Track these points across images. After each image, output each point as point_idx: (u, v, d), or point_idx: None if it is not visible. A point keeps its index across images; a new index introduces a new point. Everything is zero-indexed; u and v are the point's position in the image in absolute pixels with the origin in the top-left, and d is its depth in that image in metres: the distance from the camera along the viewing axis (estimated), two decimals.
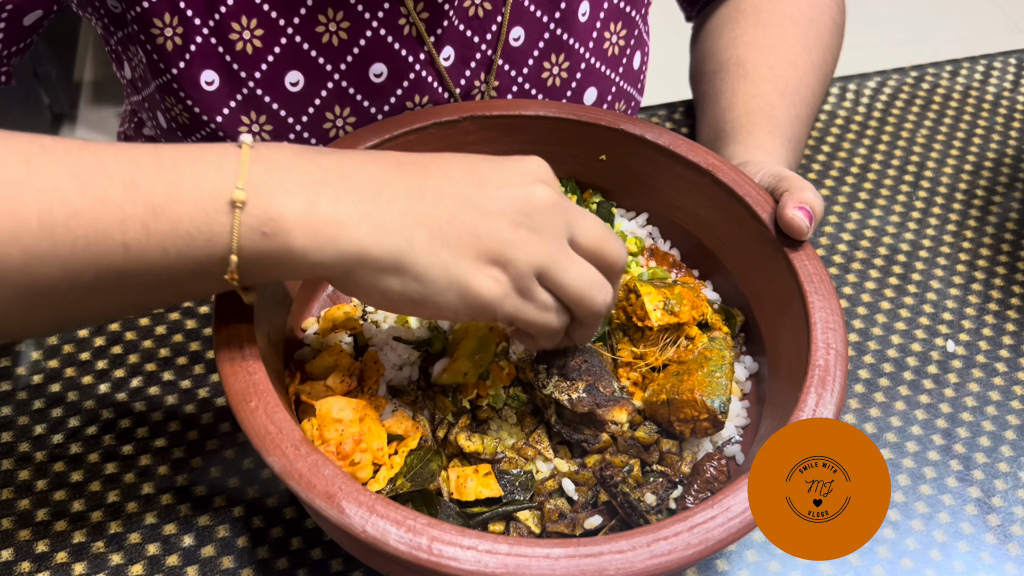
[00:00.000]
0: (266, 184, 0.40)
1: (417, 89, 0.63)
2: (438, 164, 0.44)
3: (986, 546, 0.57)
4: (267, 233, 0.40)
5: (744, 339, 0.58)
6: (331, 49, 0.60)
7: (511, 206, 0.43)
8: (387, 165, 0.43)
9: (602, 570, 0.39)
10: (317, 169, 0.42)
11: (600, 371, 0.51)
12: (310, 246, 0.40)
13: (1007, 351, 0.67)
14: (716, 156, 0.58)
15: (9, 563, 0.53)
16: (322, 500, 0.40)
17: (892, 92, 0.88)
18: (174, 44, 0.58)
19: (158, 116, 0.64)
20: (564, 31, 0.66)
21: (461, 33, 0.63)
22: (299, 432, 0.43)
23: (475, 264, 0.42)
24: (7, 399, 0.61)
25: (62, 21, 1.93)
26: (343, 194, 0.41)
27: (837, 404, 0.46)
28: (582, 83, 0.69)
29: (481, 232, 0.42)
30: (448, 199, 0.42)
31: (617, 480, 0.49)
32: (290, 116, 0.61)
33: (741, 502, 0.42)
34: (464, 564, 0.38)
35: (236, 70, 0.59)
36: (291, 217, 0.40)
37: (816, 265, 0.52)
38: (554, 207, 0.44)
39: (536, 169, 0.45)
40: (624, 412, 0.49)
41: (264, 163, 0.41)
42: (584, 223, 0.45)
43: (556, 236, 0.43)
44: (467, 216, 0.42)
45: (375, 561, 0.45)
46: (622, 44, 0.70)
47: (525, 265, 0.42)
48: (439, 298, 0.42)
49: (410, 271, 0.42)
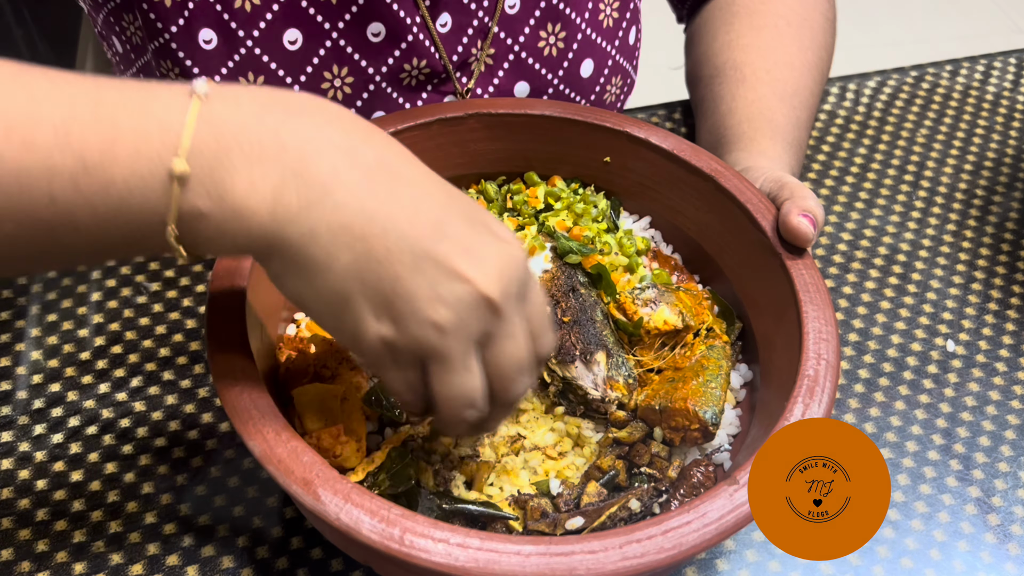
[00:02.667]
0: (211, 156, 0.37)
1: (415, 52, 0.63)
2: (413, 190, 0.39)
3: (986, 546, 0.57)
4: (203, 211, 0.37)
5: (740, 347, 0.58)
6: (329, 7, 0.60)
7: (448, 280, 0.38)
8: (358, 162, 0.39)
9: (572, 569, 0.39)
10: (274, 142, 0.37)
11: (592, 340, 0.52)
12: (234, 229, 0.38)
13: (1007, 351, 0.67)
14: (719, 161, 0.58)
15: (9, 563, 0.53)
16: (299, 486, 0.41)
17: (892, 92, 0.88)
18: (173, 1, 0.58)
19: None
20: (560, 0, 0.67)
21: (458, 0, 0.63)
22: (282, 418, 0.43)
23: (373, 311, 0.39)
24: (7, 399, 0.61)
25: (62, 21, 1.92)
26: (291, 180, 0.37)
27: (825, 415, 0.46)
28: (579, 54, 0.69)
29: (399, 289, 0.38)
30: (394, 238, 0.38)
31: (642, 465, 0.50)
32: (288, 76, 0.61)
33: (718, 508, 0.41)
34: (435, 556, 0.39)
35: (234, 28, 0.59)
36: (227, 198, 0.37)
37: (813, 275, 0.52)
38: (487, 308, 0.39)
39: (508, 262, 0.40)
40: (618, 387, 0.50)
41: (214, 124, 0.37)
42: (505, 346, 0.41)
43: (468, 337, 0.40)
44: (399, 264, 0.38)
45: (352, 550, 0.46)
46: (616, 16, 0.71)
47: (411, 342, 0.39)
48: (321, 317, 0.41)
49: (313, 284, 0.39)
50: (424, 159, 0.61)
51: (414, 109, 0.60)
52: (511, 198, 0.62)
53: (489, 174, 0.64)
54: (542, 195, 0.61)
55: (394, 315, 0.39)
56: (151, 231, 0.38)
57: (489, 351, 0.41)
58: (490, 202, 0.63)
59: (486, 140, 0.61)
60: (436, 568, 0.39)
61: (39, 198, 0.36)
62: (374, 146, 0.39)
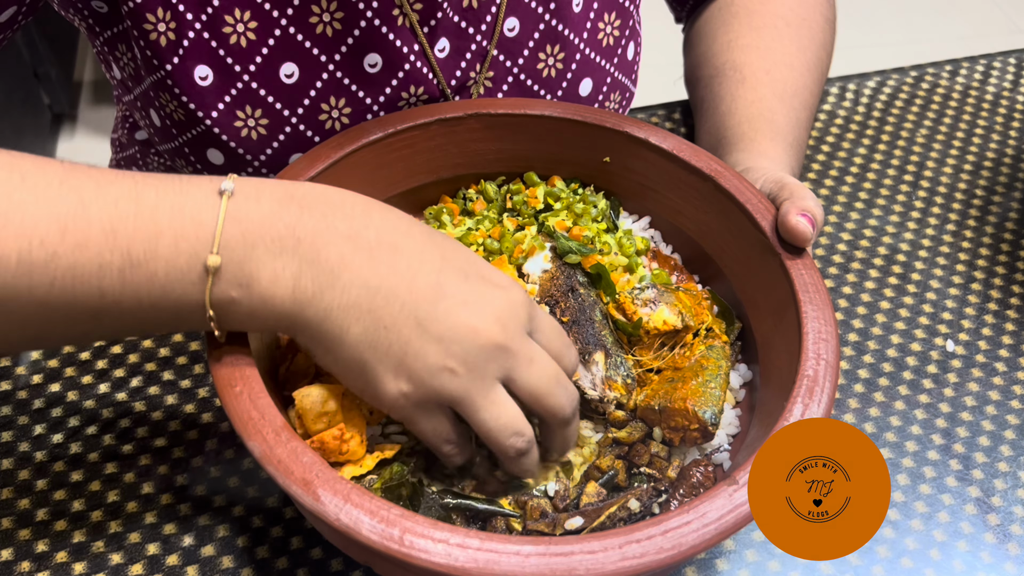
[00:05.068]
0: (240, 250, 0.42)
1: (412, 80, 0.63)
2: (410, 260, 0.44)
3: (985, 546, 0.57)
4: (235, 298, 0.43)
5: (740, 347, 0.58)
6: (325, 40, 0.60)
7: (453, 335, 0.43)
8: (360, 245, 0.44)
9: (572, 570, 0.39)
10: (291, 236, 0.43)
11: (591, 339, 0.52)
12: (263, 313, 0.44)
13: (1007, 351, 0.67)
14: (719, 161, 0.58)
15: (9, 563, 0.53)
16: (298, 487, 0.41)
17: (892, 92, 0.88)
18: (167, 39, 0.58)
19: (151, 114, 0.64)
20: (559, 21, 0.66)
21: (456, 24, 0.63)
22: (281, 419, 0.43)
23: (389, 372, 0.44)
24: (7, 399, 0.61)
25: (62, 21, 1.93)
26: (307, 269, 0.43)
27: (824, 415, 0.46)
28: (577, 74, 0.69)
29: (410, 351, 0.43)
30: (397, 307, 0.43)
31: (641, 465, 0.49)
32: (285, 109, 0.61)
33: (718, 508, 0.41)
34: (434, 556, 0.39)
35: (230, 64, 0.59)
36: (255, 286, 0.43)
37: (813, 275, 0.52)
38: (496, 350, 0.44)
39: (506, 306, 0.45)
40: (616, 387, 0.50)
41: (241, 223, 0.42)
42: (528, 371, 0.45)
43: (484, 377, 0.44)
44: (406, 328, 0.43)
45: (351, 550, 0.46)
46: (616, 35, 0.71)
47: (430, 392, 0.44)
48: (347, 382, 0.46)
49: (334, 354, 0.44)
50: (424, 159, 0.62)
51: (414, 109, 0.60)
52: (511, 198, 0.62)
53: (489, 174, 0.64)
54: (542, 195, 0.61)
55: (409, 373, 0.43)
56: (189, 315, 0.43)
57: (514, 382, 0.45)
58: (490, 202, 0.63)
59: (486, 140, 0.61)
60: (436, 568, 0.39)
61: (91, 292, 0.41)
62: (374, 226, 0.45)
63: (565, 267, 0.57)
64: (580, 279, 0.57)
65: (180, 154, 0.64)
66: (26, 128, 1.71)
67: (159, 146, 0.66)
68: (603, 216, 0.61)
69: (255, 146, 0.62)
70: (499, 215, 0.62)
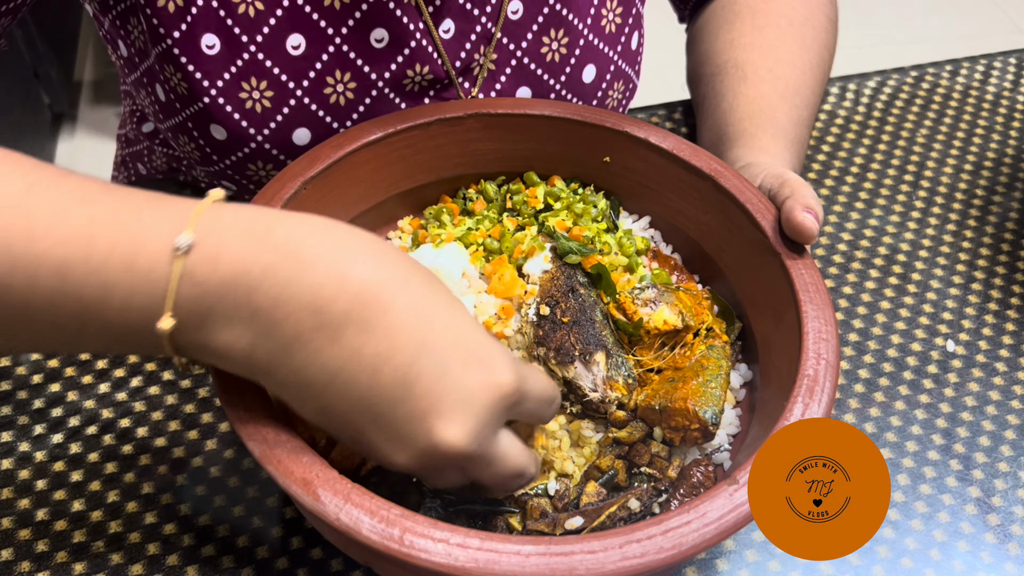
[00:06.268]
0: (193, 317, 0.39)
1: (418, 58, 0.63)
2: (379, 345, 0.39)
3: (986, 546, 0.57)
4: (193, 351, 0.41)
5: (740, 347, 0.58)
6: (333, 12, 0.60)
7: (409, 442, 0.40)
8: (323, 322, 0.39)
9: (572, 569, 0.39)
10: (247, 306, 0.39)
11: (591, 341, 0.52)
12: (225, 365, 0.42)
13: (1007, 351, 0.67)
14: (719, 161, 0.58)
15: (9, 563, 0.53)
16: (299, 487, 0.41)
17: (892, 92, 0.88)
18: (175, 6, 0.58)
19: (156, 90, 0.64)
20: (563, 6, 0.67)
21: (461, 6, 0.64)
22: (281, 419, 0.43)
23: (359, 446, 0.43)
24: (7, 399, 0.61)
25: (62, 21, 1.93)
26: (261, 342, 0.40)
27: (824, 415, 0.46)
28: (581, 60, 0.69)
29: (363, 440, 0.41)
30: (355, 398, 0.40)
31: (641, 465, 0.49)
32: (291, 81, 0.61)
33: (718, 508, 0.41)
34: (434, 556, 0.39)
35: (237, 34, 0.59)
36: (210, 347, 0.40)
37: (813, 275, 0.52)
38: (452, 460, 0.40)
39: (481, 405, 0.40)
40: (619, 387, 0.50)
41: (196, 287, 0.39)
42: (483, 472, 0.42)
43: (443, 473, 0.43)
44: (361, 422, 0.40)
45: (351, 550, 0.46)
46: (619, 22, 0.71)
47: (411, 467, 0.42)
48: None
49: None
50: (424, 159, 0.62)
51: (414, 109, 0.60)
52: (511, 198, 0.62)
53: (489, 174, 0.64)
54: (542, 195, 0.61)
55: (376, 457, 0.42)
56: (155, 351, 0.41)
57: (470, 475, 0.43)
58: (490, 202, 0.63)
59: (486, 140, 0.61)
60: (436, 568, 0.39)
61: (46, 326, 0.40)
62: (347, 295, 0.39)
63: (565, 267, 0.57)
64: (580, 279, 0.57)
65: (183, 130, 0.64)
66: (26, 128, 1.71)
67: (162, 123, 0.66)
68: (603, 216, 0.61)
69: (259, 120, 0.62)
70: (499, 215, 0.62)
